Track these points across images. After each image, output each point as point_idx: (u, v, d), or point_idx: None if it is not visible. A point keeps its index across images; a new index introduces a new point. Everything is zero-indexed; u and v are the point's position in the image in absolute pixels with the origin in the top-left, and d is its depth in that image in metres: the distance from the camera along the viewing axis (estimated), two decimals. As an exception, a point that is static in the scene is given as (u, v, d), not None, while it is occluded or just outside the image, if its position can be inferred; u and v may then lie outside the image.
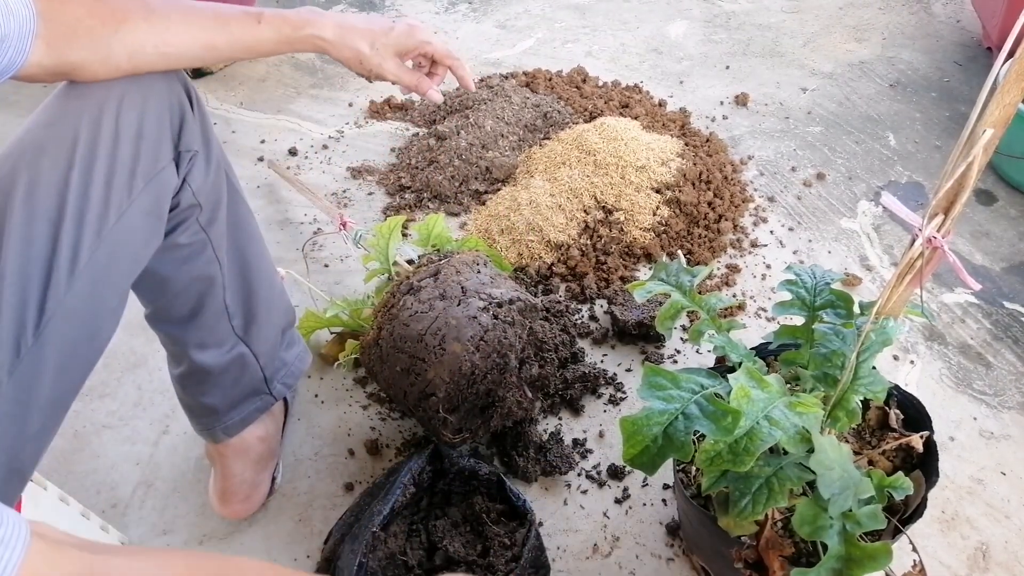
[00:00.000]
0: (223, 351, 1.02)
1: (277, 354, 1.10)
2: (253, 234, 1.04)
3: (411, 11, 2.42)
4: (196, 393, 1.04)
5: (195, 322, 0.98)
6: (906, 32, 2.22)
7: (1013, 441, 1.20)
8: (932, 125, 1.86)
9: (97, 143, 0.78)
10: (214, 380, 1.02)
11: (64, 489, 0.98)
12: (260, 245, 1.06)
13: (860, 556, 0.68)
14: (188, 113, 0.88)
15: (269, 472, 1.15)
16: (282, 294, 1.12)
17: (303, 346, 1.19)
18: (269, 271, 1.07)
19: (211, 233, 0.94)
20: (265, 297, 1.05)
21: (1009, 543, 1.08)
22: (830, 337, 0.85)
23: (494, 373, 1.07)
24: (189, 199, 0.90)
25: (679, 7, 2.40)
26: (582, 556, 1.08)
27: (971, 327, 1.38)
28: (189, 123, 0.88)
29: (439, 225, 1.30)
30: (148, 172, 0.82)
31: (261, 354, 1.06)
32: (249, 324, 1.03)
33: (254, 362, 1.06)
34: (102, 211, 0.78)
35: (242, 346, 1.04)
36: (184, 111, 0.87)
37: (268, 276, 1.07)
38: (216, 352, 1.01)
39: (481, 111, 1.81)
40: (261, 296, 1.04)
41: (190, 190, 0.90)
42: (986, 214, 1.61)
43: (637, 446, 0.70)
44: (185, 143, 0.88)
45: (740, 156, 1.78)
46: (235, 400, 1.06)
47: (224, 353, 1.02)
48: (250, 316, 1.03)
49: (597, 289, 1.45)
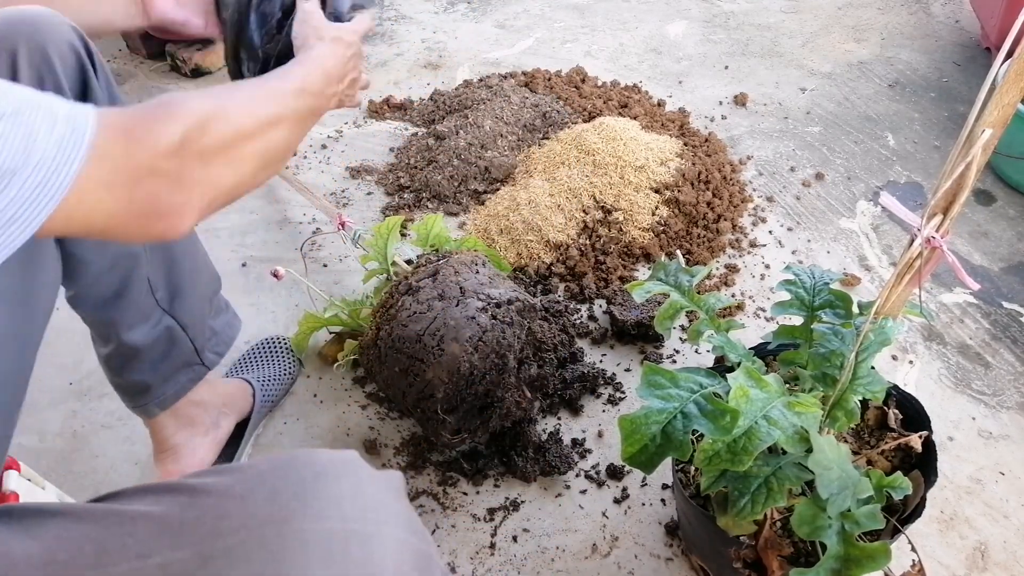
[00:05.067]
0: (149, 326, 0.99)
1: (205, 323, 1.08)
2: None
3: (411, 11, 2.42)
4: (126, 371, 1.02)
5: (120, 302, 0.95)
6: (905, 32, 2.22)
7: (1012, 441, 1.20)
8: (931, 125, 1.86)
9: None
10: (143, 356, 1.00)
11: (63, 489, 0.98)
12: None
13: (859, 556, 0.68)
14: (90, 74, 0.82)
15: (208, 438, 1.13)
16: (206, 262, 1.09)
17: (232, 312, 1.17)
18: (192, 240, 1.05)
19: None
20: (189, 268, 1.03)
21: (1008, 543, 1.08)
22: (829, 337, 0.85)
23: (493, 373, 1.07)
24: None
25: (678, 7, 2.40)
26: (581, 556, 1.08)
27: (970, 327, 1.38)
28: (92, 87, 0.82)
29: (438, 225, 1.30)
30: None
31: (189, 325, 1.04)
32: (174, 296, 1.01)
33: (182, 334, 1.04)
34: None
35: (168, 319, 1.01)
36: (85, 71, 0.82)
37: (191, 244, 1.04)
38: (143, 328, 0.98)
39: (480, 111, 1.81)
40: (184, 267, 1.01)
41: None
42: (985, 214, 1.61)
43: (636, 445, 0.70)
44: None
45: (739, 156, 1.78)
46: (166, 374, 1.05)
47: (151, 328, 0.99)
48: (174, 288, 1.01)
49: (596, 289, 1.45)
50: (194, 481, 0.50)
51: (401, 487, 0.56)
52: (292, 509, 0.47)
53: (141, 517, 0.49)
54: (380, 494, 0.51)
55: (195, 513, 0.48)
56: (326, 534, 0.47)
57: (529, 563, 1.07)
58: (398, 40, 2.28)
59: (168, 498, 0.50)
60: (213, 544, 0.46)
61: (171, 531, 0.47)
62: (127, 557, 0.47)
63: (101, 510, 0.50)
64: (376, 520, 0.49)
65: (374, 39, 2.28)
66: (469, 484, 1.16)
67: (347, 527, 0.47)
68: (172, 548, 0.46)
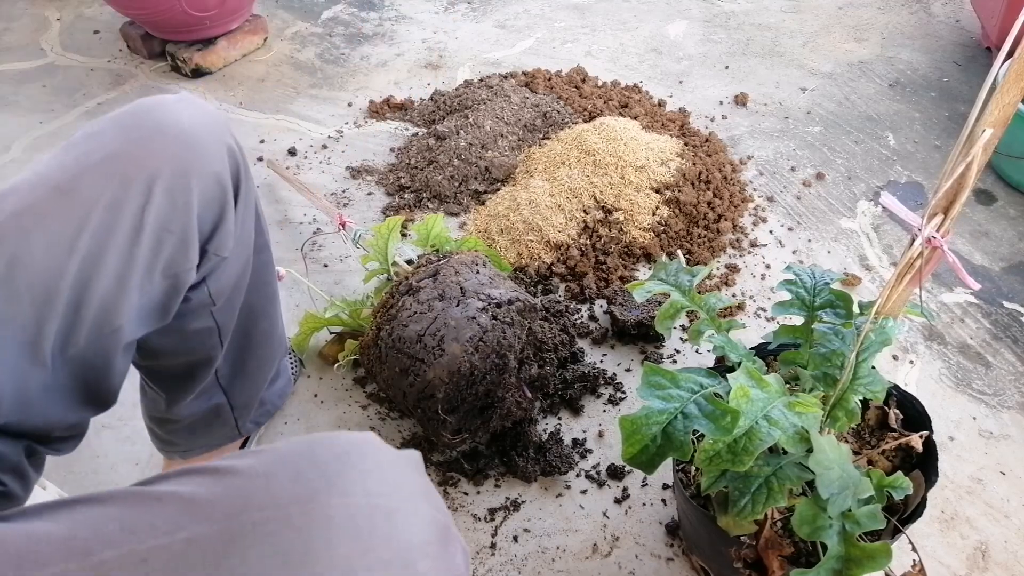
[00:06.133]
0: (200, 402, 0.98)
1: (256, 398, 1.06)
2: (270, 293, 0.97)
3: (411, 11, 2.42)
4: (163, 430, 1.02)
5: (181, 384, 0.94)
6: (905, 32, 2.22)
7: (1012, 441, 1.20)
8: (931, 125, 1.86)
9: (113, 231, 0.66)
10: (184, 426, 1.00)
11: (64, 489, 0.98)
12: (273, 304, 0.99)
13: (859, 556, 0.68)
14: (228, 210, 0.77)
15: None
16: (280, 341, 1.05)
17: (287, 377, 1.15)
18: (273, 326, 1.01)
19: (220, 321, 0.88)
20: (261, 355, 1.00)
21: (1008, 543, 1.08)
22: (829, 337, 0.84)
23: (493, 374, 1.07)
24: (204, 298, 0.82)
25: (678, 7, 2.40)
26: (582, 556, 1.08)
27: (970, 327, 1.38)
28: (227, 223, 0.77)
29: (438, 225, 1.30)
30: (168, 270, 0.72)
31: (238, 405, 1.03)
32: (235, 375, 0.99)
33: (228, 412, 1.02)
34: (106, 304, 0.68)
35: (221, 395, 0.99)
36: (224, 208, 0.76)
37: (271, 332, 1.01)
38: (194, 403, 0.97)
39: (480, 111, 1.81)
40: (257, 354, 0.99)
41: (207, 290, 0.82)
42: (985, 214, 1.61)
43: (636, 445, 0.70)
44: (215, 246, 0.78)
45: (739, 156, 1.78)
46: (200, 440, 1.05)
47: (201, 404, 0.98)
48: (238, 368, 0.99)
49: (596, 289, 1.45)
50: (218, 463, 0.51)
51: (420, 464, 0.56)
52: (316, 488, 0.48)
53: (167, 496, 0.49)
54: (401, 471, 0.52)
55: (221, 491, 0.48)
56: (351, 510, 0.47)
57: (530, 563, 1.07)
58: (398, 40, 2.28)
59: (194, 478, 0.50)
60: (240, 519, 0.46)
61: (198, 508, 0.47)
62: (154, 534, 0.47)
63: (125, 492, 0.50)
64: (400, 496, 0.49)
65: (374, 39, 2.28)
66: (470, 484, 1.16)
67: (371, 502, 0.48)
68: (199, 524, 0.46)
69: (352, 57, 2.20)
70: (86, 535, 0.47)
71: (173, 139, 0.69)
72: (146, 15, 2.02)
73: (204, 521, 0.46)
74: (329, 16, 2.41)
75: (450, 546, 0.51)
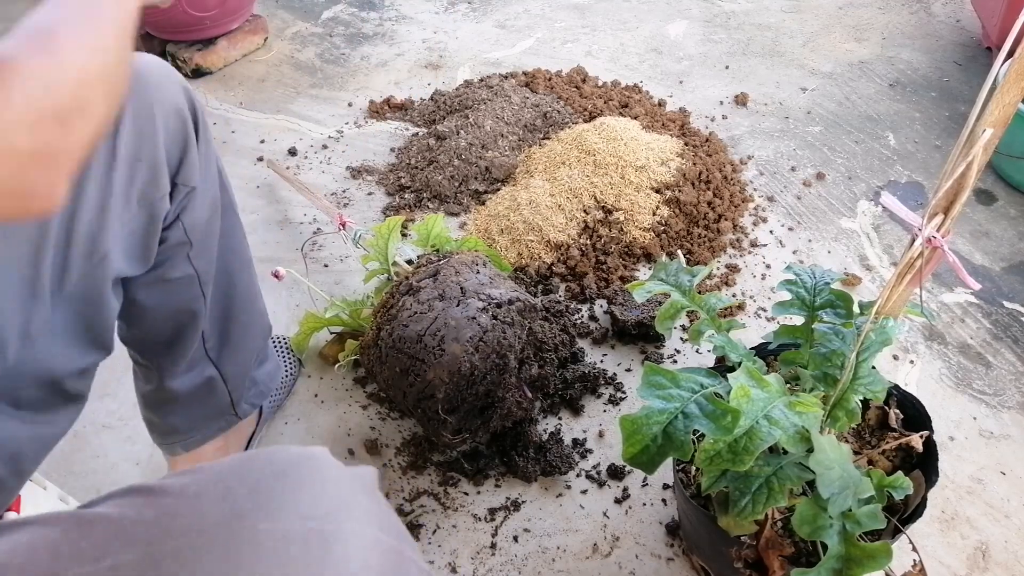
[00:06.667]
0: (193, 375, 0.99)
1: (248, 374, 1.08)
2: (243, 257, 1.00)
3: (411, 11, 2.42)
4: (161, 412, 1.02)
5: (172, 349, 0.95)
6: (906, 32, 2.22)
7: (1013, 441, 1.20)
8: (932, 125, 1.86)
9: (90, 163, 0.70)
10: (180, 402, 1.00)
11: (64, 489, 0.98)
12: (248, 270, 1.02)
13: (860, 556, 0.68)
14: (191, 142, 0.82)
15: None
16: (262, 313, 1.09)
17: (275, 361, 1.17)
18: (252, 294, 1.04)
19: (199, 268, 0.91)
20: (244, 322, 1.02)
21: (1009, 543, 1.08)
22: (830, 337, 0.85)
23: (493, 374, 1.07)
24: (180, 236, 0.85)
25: (679, 7, 2.40)
26: (582, 556, 1.08)
27: (971, 327, 1.38)
28: (191, 154, 0.82)
29: (438, 225, 1.30)
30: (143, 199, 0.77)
31: (230, 377, 1.04)
32: (223, 346, 1.01)
33: (222, 385, 1.03)
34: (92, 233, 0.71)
35: (212, 368, 1.01)
36: (187, 139, 0.81)
37: (251, 300, 1.04)
38: (186, 376, 0.98)
39: (481, 111, 1.81)
40: (240, 321, 1.01)
41: (182, 227, 0.85)
42: (986, 214, 1.61)
43: (637, 445, 0.70)
44: (183, 177, 0.82)
45: (740, 156, 1.78)
46: (198, 421, 1.05)
47: (194, 377, 0.99)
48: (225, 339, 1.00)
49: (597, 289, 1.45)
50: (155, 482, 0.49)
51: (373, 483, 0.53)
52: (244, 509, 0.46)
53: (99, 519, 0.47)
54: (346, 491, 0.49)
55: (150, 513, 0.47)
56: (281, 534, 0.45)
57: (530, 563, 1.07)
58: (399, 40, 2.28)
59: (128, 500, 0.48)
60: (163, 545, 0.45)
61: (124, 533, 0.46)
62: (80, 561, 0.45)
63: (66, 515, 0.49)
64: (340, 518, 0.47)
65: (374, 39, 2.28)
66: (470, 484, 1.17)
67: (306, 526, 0.46)
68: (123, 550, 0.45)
69: (352, 57, 2.20)
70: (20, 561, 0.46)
71: (134, 76, 0.73)
72: (146, 15, 2.02)
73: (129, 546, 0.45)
74: (329, 16, 2.41)
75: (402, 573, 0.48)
